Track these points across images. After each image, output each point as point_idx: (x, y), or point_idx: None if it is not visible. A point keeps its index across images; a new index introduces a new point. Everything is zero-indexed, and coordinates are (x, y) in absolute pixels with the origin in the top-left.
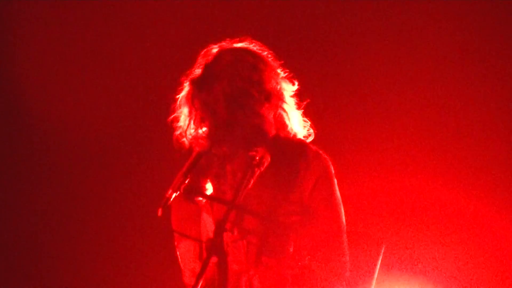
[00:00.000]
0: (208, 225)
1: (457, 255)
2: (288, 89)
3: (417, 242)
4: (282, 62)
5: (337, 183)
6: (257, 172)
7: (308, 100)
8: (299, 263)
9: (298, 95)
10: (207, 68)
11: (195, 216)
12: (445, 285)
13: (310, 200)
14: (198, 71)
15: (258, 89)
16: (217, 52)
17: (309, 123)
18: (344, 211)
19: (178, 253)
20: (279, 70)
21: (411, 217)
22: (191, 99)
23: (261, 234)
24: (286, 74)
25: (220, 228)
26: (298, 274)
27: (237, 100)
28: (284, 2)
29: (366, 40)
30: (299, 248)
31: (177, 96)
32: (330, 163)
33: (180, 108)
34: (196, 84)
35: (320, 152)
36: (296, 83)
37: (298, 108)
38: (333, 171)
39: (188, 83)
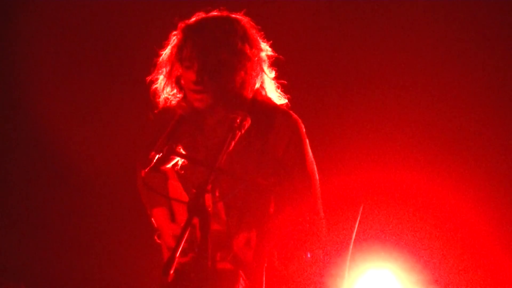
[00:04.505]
0: (177, 190)
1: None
2: (268, 61)
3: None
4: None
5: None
6: (238, 135)
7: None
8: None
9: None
10: (202, 19)
11: (161, 184)
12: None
13: (284, 159)
14: (192, 20)
15: (248, 51)
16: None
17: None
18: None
19: (153, 220)
20: (264, 46)
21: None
22: (182, 41)
23: (241, 195)
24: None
25: (201, 189)
26: (278, 234)
27: (228, 50)
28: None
29: (365, 38)
30: (279, 208)
31: (162, 52)
32: (301, 123)
33: (163, 63)
34: (190, 26)
35: (291, 112)
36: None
37: (274, 78)
38: (304, 131)
39: (178, 32)
